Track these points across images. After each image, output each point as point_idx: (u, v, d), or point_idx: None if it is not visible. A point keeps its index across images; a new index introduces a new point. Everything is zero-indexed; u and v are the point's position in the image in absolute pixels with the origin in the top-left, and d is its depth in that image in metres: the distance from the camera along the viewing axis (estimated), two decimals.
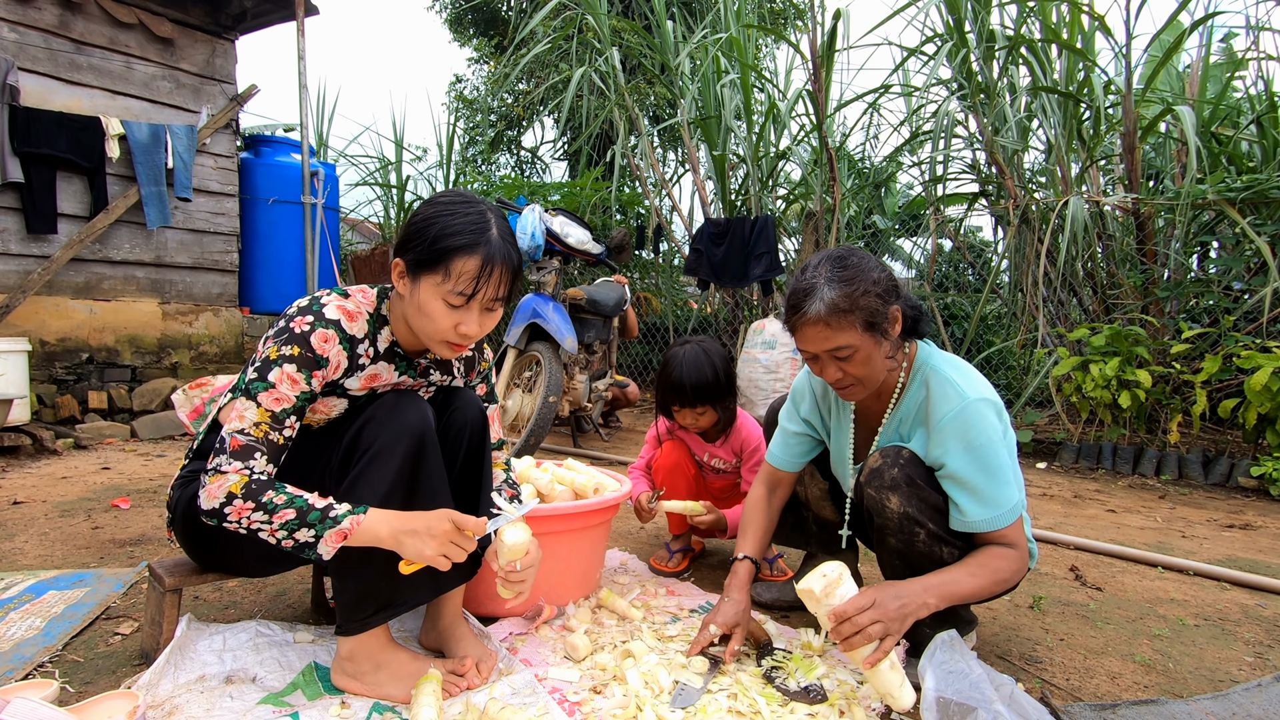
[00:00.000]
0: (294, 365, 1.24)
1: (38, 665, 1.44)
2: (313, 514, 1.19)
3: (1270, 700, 1.40)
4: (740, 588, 1.56)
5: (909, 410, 1.47)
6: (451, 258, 1.24)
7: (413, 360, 1.43)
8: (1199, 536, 2.75)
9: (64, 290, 4.51)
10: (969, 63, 4.80)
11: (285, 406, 1.24)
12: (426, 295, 1.27)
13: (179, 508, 1.39)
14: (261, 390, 1.23)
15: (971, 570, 1.35)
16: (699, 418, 2.06)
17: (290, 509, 1.19)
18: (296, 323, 1.26)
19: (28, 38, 4.32)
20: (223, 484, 1.18)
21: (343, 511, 1.21)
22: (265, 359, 1.24)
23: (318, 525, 1.19)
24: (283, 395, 1.23)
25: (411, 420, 1.33)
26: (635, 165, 6.63)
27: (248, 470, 1.20)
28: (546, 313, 3.78)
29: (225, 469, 1.20)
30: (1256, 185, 3.78)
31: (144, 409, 4.59)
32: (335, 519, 1.20)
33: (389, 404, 1.34)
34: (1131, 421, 4.01)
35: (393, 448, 1.30)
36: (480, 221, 1.28)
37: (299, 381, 1.24)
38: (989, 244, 7.26)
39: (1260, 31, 4.74)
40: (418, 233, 1.27)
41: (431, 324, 1.28)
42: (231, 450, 1.21)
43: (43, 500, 2.79)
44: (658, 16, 6.09)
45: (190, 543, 1.41)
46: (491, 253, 1.26)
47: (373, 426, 1.31)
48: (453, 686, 1.35)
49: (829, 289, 1.33)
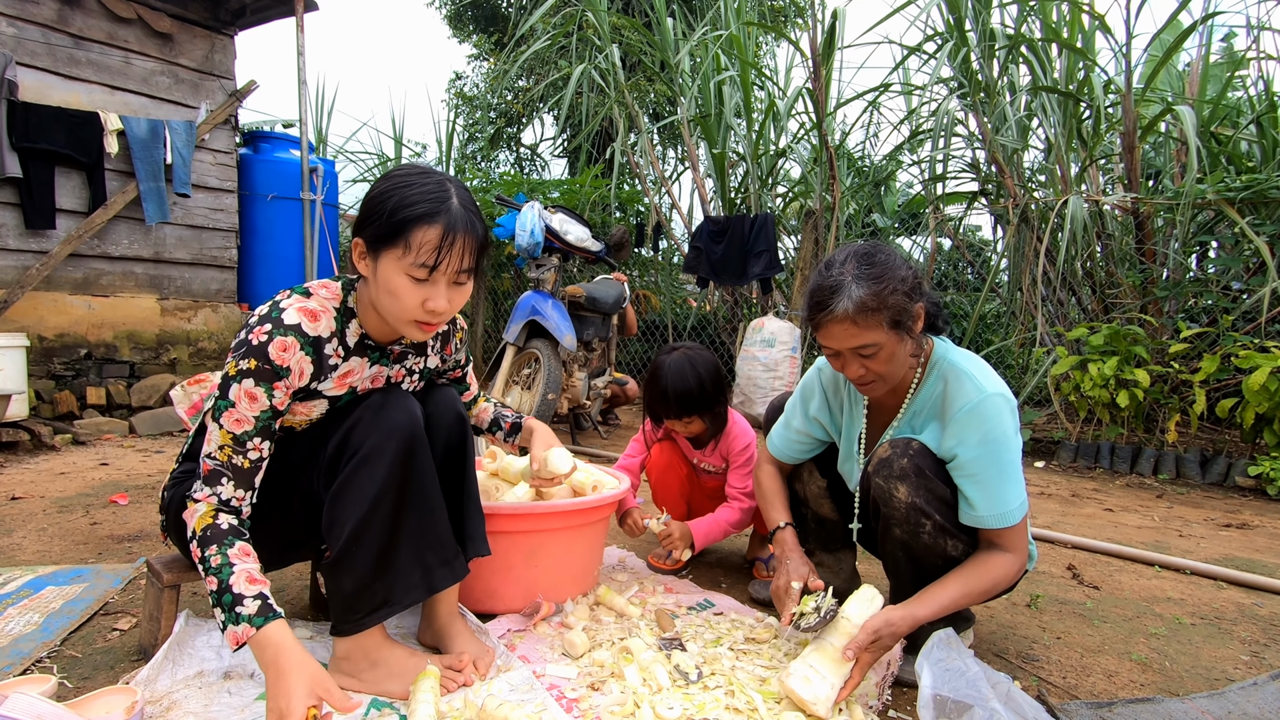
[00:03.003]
0: (251, 380, 1.19)
1: (36, 660, 1.44)
2: (226, 596, 1.12)
3: (1266, 699, 1.41)
4: (794, 549, 1.59)
5: (924, 404, 1.47)
6: (411, 228, 1.19)
7: (385, 349, 1.39)
8: (1196, 535, 2.75)
9: (62, 286, 4.50)
10: (969, 61, 4.80)
11: (246, 429, 1.19)
12: (388, 272, 1.21)
13: (171, 509, 1.38)
14: (224, 410, 1.19)
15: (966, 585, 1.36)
16: (687, 426, 2.06)
17: (215, 578, 1.13)
18: (255, 334, 1.21)
19: (26, 32, 4.30)
20: (193, 514, 1.18)
21: (246, 613, 1.11)
22: (225, 375, 1.21)
23: (226, 613, 1.12)
24: (242, 416, 1.19)
25: (400, 420, 1.30)
26: (635, 163, 6.62)
27: (215, 496, 1.19)
28: (545, 310, 3.78)
29: (196, 496, 1.19)
30: (1256, 185, 3.78)
31: (142, 405, 4.59)
32: (237, 616, 1.11)
33: (376, 404, 1.31)
34: (1129, 421, 4.01)
35: (381, 449, 1.27)
36: (439, 190, 1.22)
37: (258, 398, 1.20)
38: (988, 243, 7.27)
39: (1260, 31, 4.74)
40: (375, 207, 1.22)
41: (398, 303, 1.22)
42: (203, 475, 1.20)
43: (41, 496, 2.79)
44: (658, 13, 6.08)
45: (184, 545, 1.39)
46: (453, 221, 1.20)
47: (360, 429, 1.28)
48: (450, 683, 1.35)
49: (857, 286, 1.32)
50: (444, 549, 1.41)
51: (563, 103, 6.19)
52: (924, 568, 1.42)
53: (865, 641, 1.30)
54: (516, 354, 3.89)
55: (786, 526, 1.64)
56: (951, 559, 1.40)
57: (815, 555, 1.90)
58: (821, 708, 1.26)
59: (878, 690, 1.41)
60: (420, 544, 1.36)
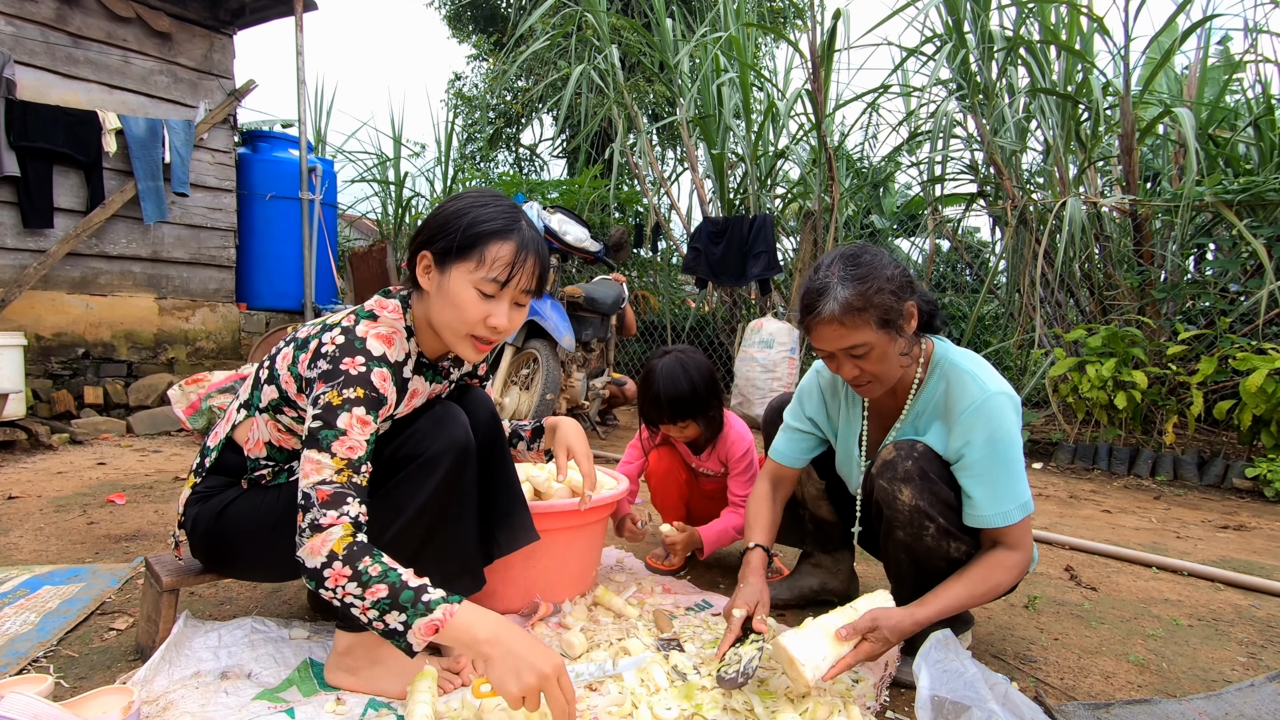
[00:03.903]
0: (362, 408, 1.19)
1: (32, 660, 1.44)
2: (405, 593, 1.09)
3: (1263, 700, 1.41)
4: (756, 573, 1.54)
5: (926, 404, 1.46)
6: (486, 242, 1.23)
7: (436, 365, 1.43)
8: (1193, 537, 2.75)
9: (60, 285, 4.50)
10: (968, 63, 4.81)
11: (360, 454, 1.19)
12: (458, 284, 1.24)
13: (205, 524, 1.36)
14: (334, 439, 1.17)
15: (970, 587, 1.35)
16: (683, 430, 2.05)
17: (383, 584, 1.10)
18: (348, 364, 1.21)
19: (25, 31, 4.30)
20: (326, 540, 1.12)
21: (436, 598, 1.11)
22: (328, 405, 1.18)
23: (409, 609, 1.09)
24: (355, 442, 1.18)
25: (457, 433, 1.34)
26: (634, 163, 6.62)
27: (345, 516, 1.14)
28: (544, 310, 3.77)
29: (322, 521, 1.13)
30: (1253, 188, 3.79)
31: (140, 404, 4.58)
32: (428, 605, 1.09)
33: (436, 416, 1.35)
34: (1127, 422, 4.02)
35: (440, 458, 1.31)
36: (513, 211, 1.29)
37: (369, 423, 1.20)
38: (987, 244, 7.27)
39: (1258, 34, 4.75)
40: (447, 222, 1.26)
41: (460, 315, 1.25)
42: (321, 501, 1.14)
43: (38, 495, 2.79)
44: (657, 14, 6.09)
45: (218, 558, 1.40)
46: (525, 240, 1.26)
47: (419, 439, 1.32)
48: (448, 683, 1.35)
49: (842, 288, 1.33)
50: (469, 558, 1.46)
51: (562, 103, 6.19)
52: (926, 570, 1.42)
53: (864, 627, 1.30)
54: (515, 354, 3.89)
55: (756, 548, 1.59)
56: (954, 561, 1.40)
57: (813, 556, 1.90)
58: (810, 671, 1.24)
59: (875, 691, 1.41)
60: (446, 552, 1.40)
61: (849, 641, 1.30)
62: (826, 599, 1.88)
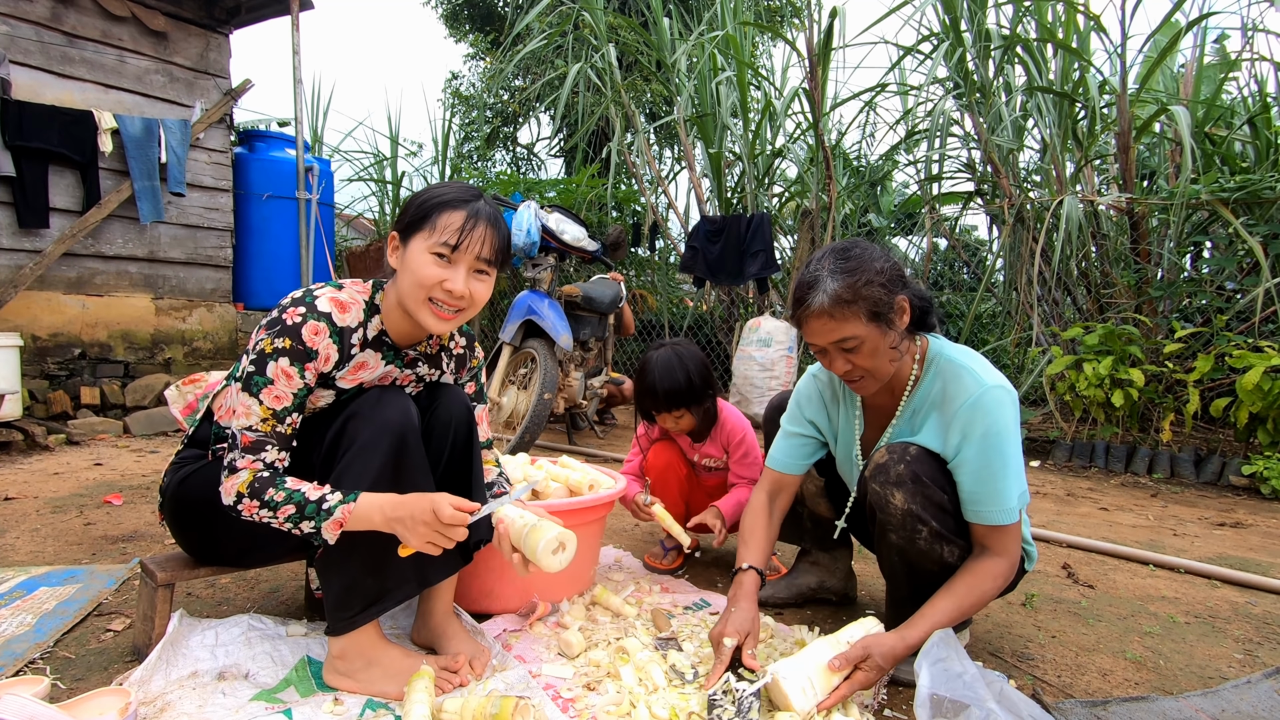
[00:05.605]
0: (286, 359, 1.27)
1: (29, 662, 1.43)
2: (309, 507, 1.24)
3: (1259, 697, 1.41)
4: (747, 597, 1.49)
5: (923, 401, 1.46)
6: (439, 212, 1.31)
7: (400, 351, 1.44)
8: (1190, 534, 2.76)
9: (56, 285, 4.48)
10: (965, 62, 4.81)
11: (285, 405, 1.28)
12: (415, 252, 1.31)
13: (169, 490, 1.43)
14: (262, 387, 1.26)
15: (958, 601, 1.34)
16: (678, 421, 2.05)
17: (290, 504, 1.24)
18: (289, 314, 1.28)
19: (19, 30, 4.28)
20: (234, 482, 1.25)
21: (335, 502, 1.24)
22: (260, 352, 1.27)
23: (315, 517, 1.24)
24: (282, 393, 1.27)
25: (393, 416, 1.33)
26: (631, 162, 6.62)
27: (259, 462, 1.26)
28: (542, 309, 3.77)
29: (238, 465, 1.26)
30: (1250, 186, 3.79)
31: (137, 405, 4.57)
32: (329, 510, 1.24)
33: (372, 399, 1.34)
34: (1124, 420, 4.02)
35: (375, 444, 1.31)
36: (470, 190, 1.36)
37: (293, 376, 1.27)
38: (984, 243, 7.28)
39: (1254, 33, 4.76)
40: (409, 203, 1.35)
41: (416, 279, 1.30)
42: (243, 446, 1.26)
43: (34, 496, 2.78)
44: (654, 13, 6.08)
45: (178, 527, 1.45)
46: (477, 210, 1.32)
47: (355, 422, 1.32)
48: (445, 683, 1.35)
49: (832, 281, 1.33)
50: None
51: (559, 102, 6.19)
52: (919, 573, 1.42)
53: (856, 656, 1.30)
54: (513, 354, 3.89)
55: (749, 570, 1.54)
56: (947, 564, 1.39)
57: (811, 554, 1.90)
58: (805, 705, 1.24)
59: (874, 690, 1.41)
60: None
61: (842, 672, 1.30)
62: (824, 597, 1.89)
